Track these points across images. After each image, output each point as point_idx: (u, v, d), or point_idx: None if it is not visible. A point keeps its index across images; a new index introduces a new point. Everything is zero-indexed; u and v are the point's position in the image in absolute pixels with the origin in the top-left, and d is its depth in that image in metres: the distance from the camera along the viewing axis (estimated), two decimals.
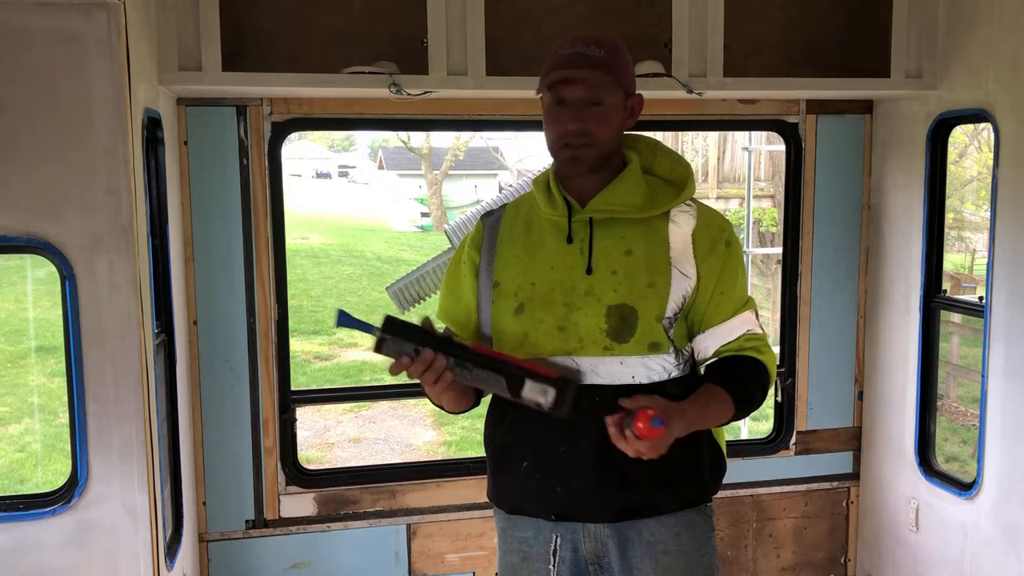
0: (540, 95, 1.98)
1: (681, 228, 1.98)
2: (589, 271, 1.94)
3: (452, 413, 2.09)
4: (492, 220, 2.10)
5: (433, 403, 2.03)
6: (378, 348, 1.79)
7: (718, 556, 4.09)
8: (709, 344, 1.99)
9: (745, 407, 1.95)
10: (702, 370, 2.04)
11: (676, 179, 2.03)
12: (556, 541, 2.01)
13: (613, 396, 1.89)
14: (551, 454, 1.96)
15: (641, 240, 1.96)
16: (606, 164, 1.97)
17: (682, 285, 1.95)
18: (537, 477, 1.98)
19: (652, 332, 1.92)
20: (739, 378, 1.95)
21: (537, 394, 1.80)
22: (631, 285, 1.93)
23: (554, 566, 2.01)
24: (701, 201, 2.08)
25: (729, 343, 1.99)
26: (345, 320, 1.78)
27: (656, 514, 1.99)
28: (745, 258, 8.97)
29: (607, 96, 1.91)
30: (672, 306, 1.94)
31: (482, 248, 2.07)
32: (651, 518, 1.99)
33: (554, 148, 1.96)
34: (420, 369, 1.81)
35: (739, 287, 2.02)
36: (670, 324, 1.95)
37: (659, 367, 1.94)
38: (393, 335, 1.78)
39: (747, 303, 2.03)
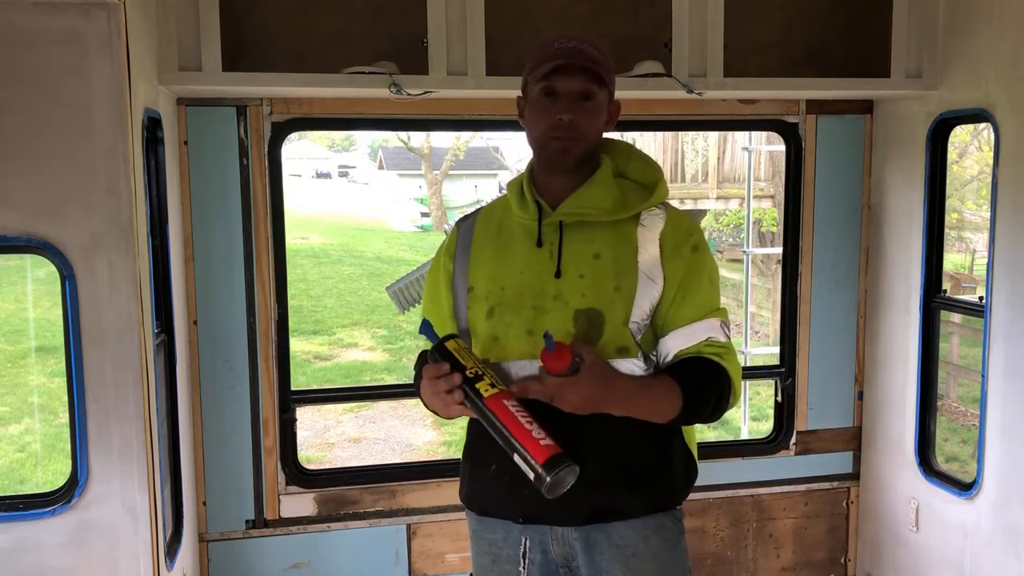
0: (523, 90, 1.98)
1: (649, 231, 1.97)
2: (558, 275, 1.94)
3: (443, 418, 2.10)
4: (466, 225, 2.11)
5: (426, 407, 2.03)
6: (432, 355, 1.92)
7: (718, 556, 4.10)
8: (670, 347, 1.96)
9: (697, 405, 1.90)
10: None
11: (648, 182, 2.03)
12: (525, 543, 2.01)
13: None
14: None
15: (610, 244, 1.95)
16: (586, 163, 1.97)
17: (650, 289, 1.93)
18: (505, 480, 1.95)
19: (619, 336, 1.91)
20: (692, 374, 1.91)
21: (524, 468, 1.80)
22: (598, 289, 1.92)
23: (524, 568, 2.01)
24: (673, 205, 2.07)
25: (689, 347, 1.94)
26: (425, 329, 1.95)
27: (624, 518, 1.97)
28: (719, 264, 8.97)
29: (598, 92, 1.92)
30: (639, 311, 1.92)
31: (456, 255, 2.08)
32: (620, 521, 1.97)
33: (541, 141, 1.95)
34: (442, 386, 1.85)
35: (704, 293, 1.97)
36: (639, 328, 1.93)
37: (627, 371, 1.91)
38: (440, 352, 1.89)
39: (715, 311, 1.98)
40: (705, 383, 1.92)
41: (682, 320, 1.95)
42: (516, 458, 1.78)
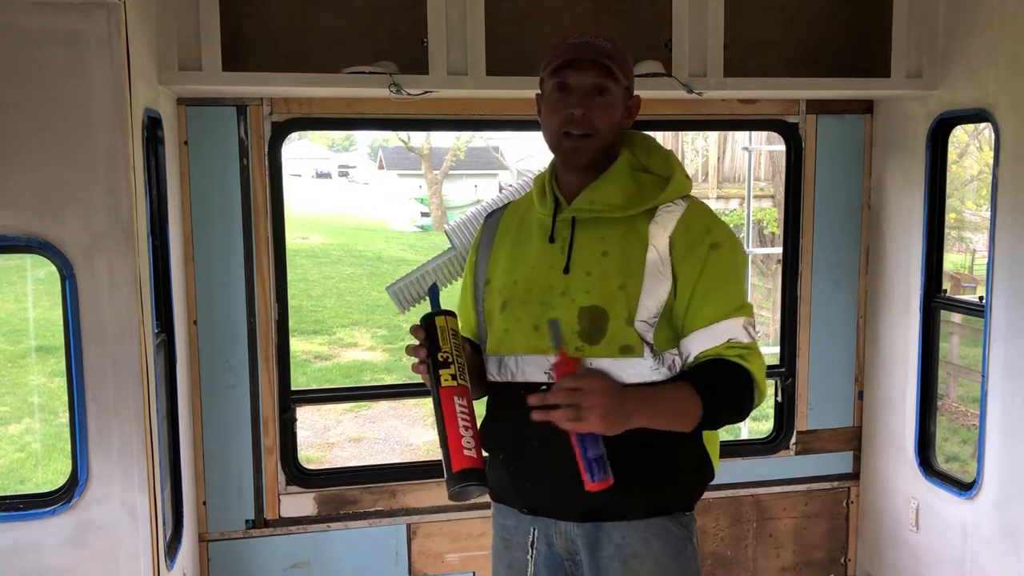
0: (539, 88, 1.98)
1: (662, 228, 1.92)
2: (567, 271, 1.94)
3: None
4: (493, 219, 2.15)
5: None
6: (422, 320, 1.95)
7: (718, 556, 4.09)
8: (691, 348, 1.91)
9: (717, 410, 1.85)
10: None
11: (665, 175, 2.00)
12: (534, 533, 2.03)
13: None
14: (523, 450, 1.95)
15: (619, 241, 1.93)
16: (602, 159, 1.96)
17: (656, 288, 1.89)
18: (511, 471, 2.00)
19: (623, 335, 1.88)
20: (711, 378, 1.86)
21: (443, 464, 1.86)
22: (603, 287, 1.90)
23: (531, 556, 2.04)
24: (699, 199, 2.02)
25: (709, 349, 1.89)
26: (432, 291, 1.96)
27: (622, 519, 1.95)
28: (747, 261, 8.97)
29: (612, 86, 1.91)
30: (644, 310, 1.88)
31: (479, 248, 2.13)
32: (620, 521, 1.95)
33: (555, 138, 1.94)
34: (412, 356, 1.91)
35: (727, 292, 1.91)
36: (648, 327, 1.89)
37: (633, 371, 1.88)
38: (427, 322, 1.91)
39: (740, 309, 1.90)
40: (725, 387, 1.86)
41: (702, 321, 1.90)
42: (441, 451, 1.84)
